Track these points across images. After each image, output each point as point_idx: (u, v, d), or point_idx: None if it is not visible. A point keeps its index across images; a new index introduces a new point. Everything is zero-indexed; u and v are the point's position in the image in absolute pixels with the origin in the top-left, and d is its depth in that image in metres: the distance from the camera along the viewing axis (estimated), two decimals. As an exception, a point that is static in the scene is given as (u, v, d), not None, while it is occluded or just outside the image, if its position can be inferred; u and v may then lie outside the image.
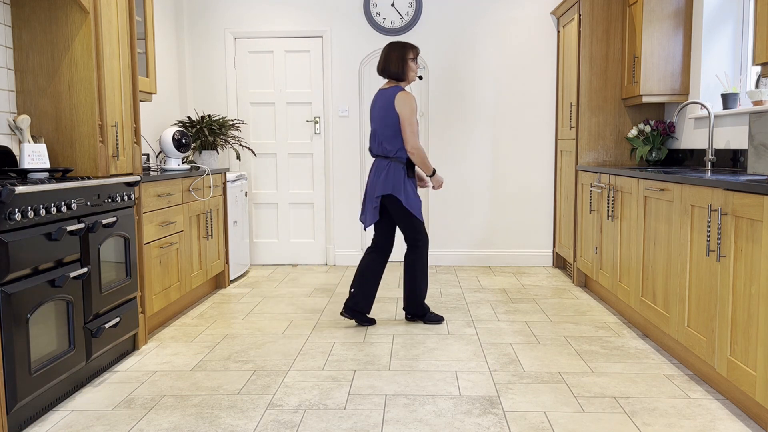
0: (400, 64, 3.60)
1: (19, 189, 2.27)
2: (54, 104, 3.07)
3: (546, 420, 2.42)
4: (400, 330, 3.62)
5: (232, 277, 4.91)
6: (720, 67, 4.05)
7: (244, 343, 3.41)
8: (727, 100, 3.72)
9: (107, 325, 2.90)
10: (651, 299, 3.29)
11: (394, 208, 3.61)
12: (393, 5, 5.37)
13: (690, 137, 4.27)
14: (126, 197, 3.12)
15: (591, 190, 4.35)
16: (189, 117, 5.07)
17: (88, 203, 2.79)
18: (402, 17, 5.38)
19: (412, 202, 3.60)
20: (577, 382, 2.80)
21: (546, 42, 5.39)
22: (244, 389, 2.76)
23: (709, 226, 2.59)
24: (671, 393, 2.68)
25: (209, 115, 5.11)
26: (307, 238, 5.66)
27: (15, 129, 2.95)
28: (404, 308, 3.77)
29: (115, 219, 2.97)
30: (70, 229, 2.59)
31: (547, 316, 3.89)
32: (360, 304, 3.67)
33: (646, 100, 4.29)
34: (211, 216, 4.44)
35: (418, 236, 3.65)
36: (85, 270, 2.69)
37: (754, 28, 2.85)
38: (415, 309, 3.73)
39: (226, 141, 5.07)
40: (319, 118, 5.53)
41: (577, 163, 4.76)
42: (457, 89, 5.46)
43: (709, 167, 3.80)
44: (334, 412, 2.51)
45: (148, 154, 4.43)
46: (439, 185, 3.73)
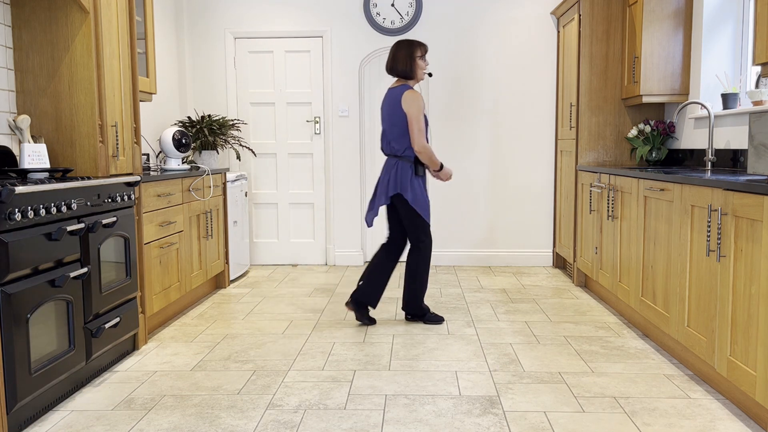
0: (408, 61, 3.60)
1: (19, 189, 2.27)
2: (54, 104, 3.07)
3: (546, 420, 2.42)
4: (400, 330, 3.62)
5: (232, 277, 4.91)
6: (720, 67, 4.05)
7: (244, 343, 3.41)
8: (727, 100, 3.72)
9: (107, 325, 2.90)
10: (651, 299, 3.29)
11: (402, 206, 3.62)
12: (393, 5, 5.37)
13: (690, 137, 4.27)
14: (126, 197, 3.12)
15: (591, 190, 4.35)
16: (189, 117, 5.07)
17: (88, 203, 2.79)
18: (402, 17, 5.38)
19: (419, 202, 3.59)
20: (577, 382, 2.80)
21: (546, 42, 5.39)
22: (244, 389, 2.76)
23: (709, 226, 2.59)
24: (671, 393, 2.68)
25: (209, 115, 5.12)
26: (307, 238, 5.66)
27: (15, 129, 2.95)
28: (403, 308, 3.77)
29: (115, 219, 2.97)
30: (70, 229, 2.59)
31: (547, 316, 3.89)
32: (365, 296, 3.66)
33: (646, 100, 4.29)
34: (211, 216, 4.44)
35: (422, 237, 3.65)
36: (85, 270, 2.69)
37: (754, 28, 2.85)
38: (414, 310, 3.73)
39: (226, 141, 5.07)
40: (319, 118, 5.53)
41: (577, 163, 4.76)
42: (457, 89, 5.46)
43: (709, 167, 3.80)
44: (334, 412, 2.51)
45: (148, 154, 4.43)
46: (447, 178, 3.71)
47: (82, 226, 2.67)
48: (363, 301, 3.67)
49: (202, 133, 4.94)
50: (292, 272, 5.33)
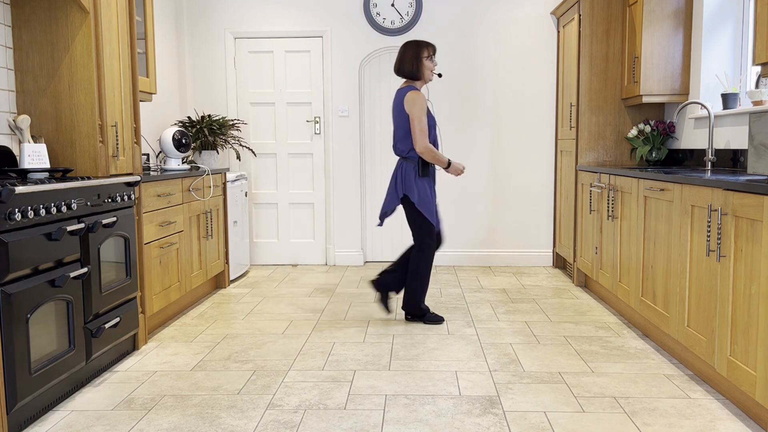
0: (415, 62, 3.60)
1: (19, 189, 2.27)
2: (54, 104, 3.07)
3: (546, 420, 2.42)
4: (400, 330, 3.62)
5: (232, 277, 4.91)
6: (720, 67, 4.05)
7: (244, 343, 3.41)
8: (727, 100, 3.72)
9: (107, 325, 2.90)
10: (651, 299, 3.29)
11: (407, 207, 3.64)
12: (393, 5, 5.37)
13: (690, 137, 4.27)
14: (126, 197, 3.12)
15: (591, 190, 4.35)
16: (189, 117, 5.07)
17: (88, 203, 2.79)
18: (402, 17, 5.38)
19: (424, 203, 3.59)
20: (577, 382, 2.80)
21: (546, 42, 5.39)
22: (244, 389, 2.76)
23: (709, 226, 2.59)
24: (671, 393, 2.68)
25: (209, 115, 5.12)
26: (307, 238, 5.66)
27: (15, 129, 2.95)
28: (403, 308, 3.77)
29: (115, 219, 2.97)
30: (70, 229, 2.59)
31: (547, 316, 3.89)
32: (388, 279, 3.74)
33: (646, 100, 4.29)
34: (211, 216, 4.44)
35: (426, 239, 3.65)
36: (85, 270, 2.69)
37: (754, 28, 2.85)
38: (413, 310, 3.73)
39: (226, 141, 5.08)
40: (319, 118, 5.53)
41: (577, 163, 4.76)
42: (457, 89, 5.46)
43: (709, 167, 3.80)
44: (334, 412, 2.51)
45: (148, 154, 4.43)
46: (458, 173, 3.71)
47: (82, 226, 2.67)
48: (384, 283, 3.75)
49: (202, 133, 4.94)
50: (292, 272, 5.33)
